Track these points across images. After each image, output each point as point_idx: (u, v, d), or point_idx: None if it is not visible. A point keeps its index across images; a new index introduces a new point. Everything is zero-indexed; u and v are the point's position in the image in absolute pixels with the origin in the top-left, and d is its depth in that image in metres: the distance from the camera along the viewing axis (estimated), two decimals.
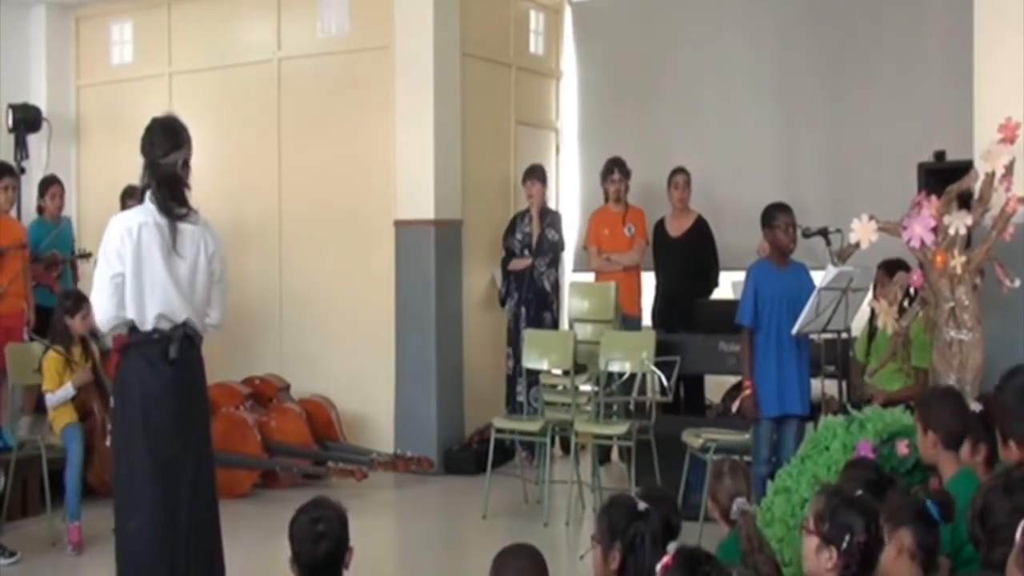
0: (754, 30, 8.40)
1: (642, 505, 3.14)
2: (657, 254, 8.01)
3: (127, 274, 4.14)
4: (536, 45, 9.16)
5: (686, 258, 7.80)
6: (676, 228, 7.90)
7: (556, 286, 8.19)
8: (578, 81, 9.31)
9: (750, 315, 5.74)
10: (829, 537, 2.88)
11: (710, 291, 7.81)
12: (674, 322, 7.41)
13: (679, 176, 7.85)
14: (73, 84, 9.56)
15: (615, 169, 8.05)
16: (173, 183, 4.22)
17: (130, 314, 4.16)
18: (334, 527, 3.21)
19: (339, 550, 3.21)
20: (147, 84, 9.03)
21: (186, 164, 4.27)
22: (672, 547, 2.95)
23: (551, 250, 8.11)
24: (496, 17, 8.65)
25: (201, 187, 4.49)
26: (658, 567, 2.83)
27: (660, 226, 7.97)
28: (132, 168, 4.50)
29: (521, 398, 7.54)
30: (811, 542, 2.93)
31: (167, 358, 4.19)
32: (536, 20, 9.17)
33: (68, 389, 6.08)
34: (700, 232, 7.86)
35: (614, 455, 7.84)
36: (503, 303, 8.19)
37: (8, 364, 6.56)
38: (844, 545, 2.85)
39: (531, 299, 8.01)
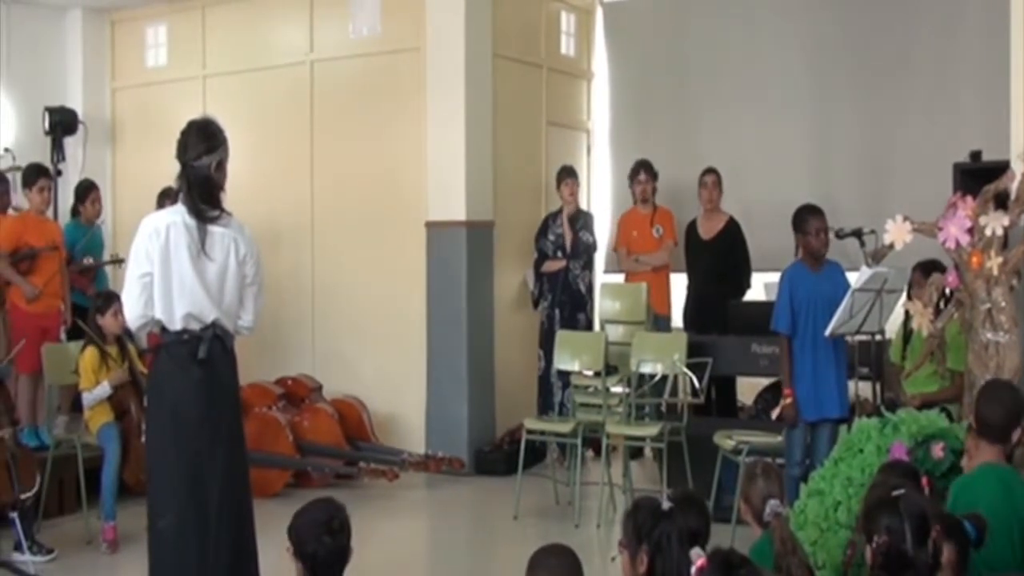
0: (787, 30, 8.35)
1: (666, 505, 3.13)
2: (688, 256, 7.99)
3: (155, 273, 4.17)
4: (567, 46, 9.15)
5: (717, 260, 7.77)
6: (708, 230, 7.87)
7: (590, 287, 8.19)
8: (609, 82, 9.30)
9: (786, 322, 5.69)
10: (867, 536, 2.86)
11: (742, 293, 7.78)
12: (706, 324, 7.38)
13: (709, 176, 7.83)
14: (108, 87, 9.66)
15: (641, 170, 8.07)
16: (205, 185, 4.24)
17: (158, 313, 4.19)
18: (346, 526, 3.24)
19: (347, 550, 3.22)
20: (181, 87, 9.12)
21: (220, 166, 4.29)
22: (696, 551, 2.94)
23: (586, 252, 8.11)
24: (527, 18, 8.66)
25: (234, 188, 4.51)
26: (693, 570, 2.82)
27: (692, 228, 7.95)
28: (167, 170, 4.55)
29: (559, 399, 7.53)
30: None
31: (196, 358, 4.22)
32: (567, 21, 9.16)
33: (105, 388, 6.13)
34: (732, 234, 7.82)
35: (646, 451, 7.83)
36: (536, 305, 8.20)
37: (45, 364, 6.63)
38: (873, 545, 2.83)
39: (565, 301, 8.01)
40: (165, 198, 7.05)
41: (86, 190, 8.04)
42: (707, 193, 7.82)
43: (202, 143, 4.27)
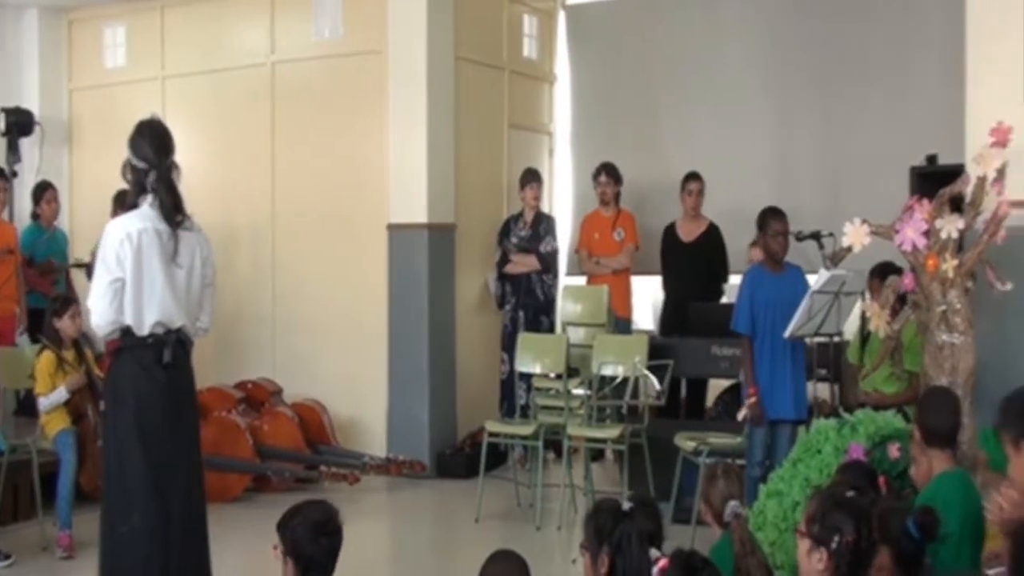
0: (748, 34, 8.42)
1: (626, 505, 3.15)
2: (667, 259, 8.00)
3: (127, 280, 4.14)
4: (530, 49, 9.17)
5: (697, 263, 7.79)
6: (688, 233, 7.90)
7: (554, 291, 8.20)
8: (571, 85, 9.32)
9: (746, 322, 5.73)
10: (819, 538, 2.90)
11: (719, 296, 7.81)
12: (685, 326, 7.37)
13: (694, 183, 7.81)
14: (66, 87, 9.55)
15: (602, 172, 8.10)
16: (175, 189, 4.24)
17: (128, 320, 4.17)
18: (341, 528, 3.24)
19: (339, 551, 3.22)
20: (140, 87, 9.02)
21: (176, 168, 4.29)
22: (655, 553, 2.96)
23: (552, 262, 8.13)
24: (489, 21, 8.66)
25: (193, 191, 4.49)
26: (655, 571, 2.84)
27: (671, 231, 7.96)
28: None
29: (522, 402, 7.54)
30: (804, 545, 2.95)
31: (161, 362, 4.19)
32: (529, 24, 9.17)
33: (61, 393, 6.04)
34: (712, 238, 7.85)
35: (607, 453, 7.86)
36: (501, 306, 8.19)
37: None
38: (833, 545, 2.86)
39: (529, 304, 8.02)
40: (120, 203, 6.98)
41: (41, 190, 7.97)
42: (692, 200, 7.82)
43: (169, 143, 4.27)
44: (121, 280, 4.14)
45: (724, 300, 7.72)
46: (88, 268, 7.52)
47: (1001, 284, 5.03)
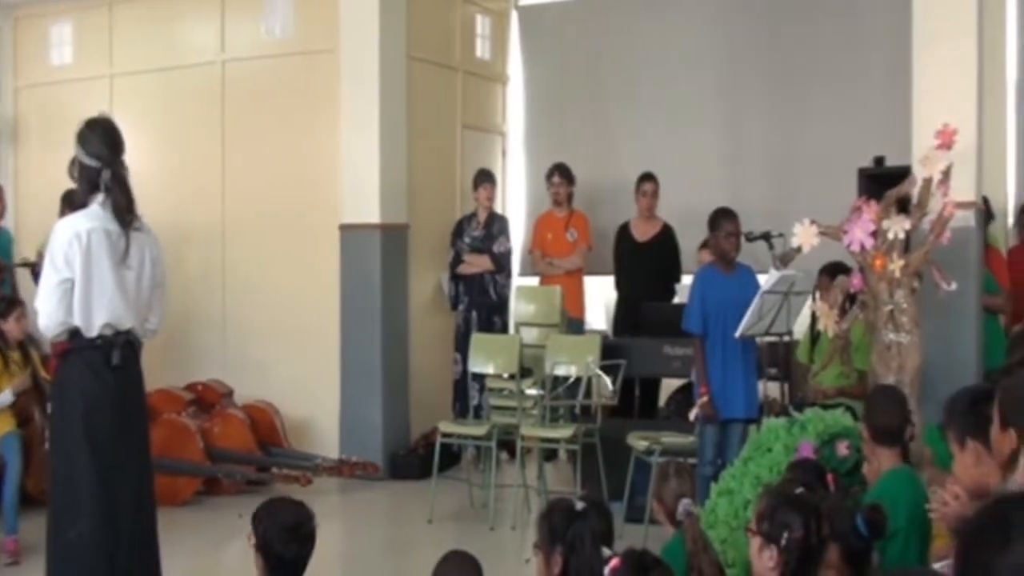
0: (699, 36, 8.48)
1: (580, 505, 3.16)
2: (621, 259, 8.02)
3: (76, 280, 4.08)
4: (482, 49, 9.16)
5: (651, 263, 7.83)
6: (642, 233, 7.92)
7: (507, 291, 8.21)
8: (524, 85, 9.33)
9: (697, 322, 5.78)
10: (769, 536, 2.92)
11: (671, 296, 7.85)
12: (636, 326, 7.40)
13: (648, 184, 7.83)
14: (11, 85, 9.40)
15: (555, 173, 8.12)
16: (128, 189, 4.18)
17: (77, 321, 4.11)
18: (313, 534, 3.26)
19: (310, 555, 3.23)
20: (87, 86, 8.90)
21: (126, 167, 4.24)
22: (607, 552, 2.97)
23: (506, 263, 8.13)
24: (442, 21, 8.65)
25: (143, 191, 4.43)
26: (606, 570, 2.85)
27: (624, 231, 7.99)
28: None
29: (475, 402, 7.53)
30: (755, 542, 2.98)
31: (109, 364, 4.14)
32: (482, 24, 9.17)
33: (7, 395, 5.95)
34: (667, 238, 7.89)
35: (561, 453, 7.88)
36: (455, 306, 8.18)
37: None
38: (783, 542, 2.89)
39: (482, 304, 8.02)
40: (69, 201, 6.87)
41: None
42: (647, 201, 7.84)
43: (120, 141, 4.22)
44: (70, 280, 4.08)
45: (676, 300, 7.76)
46: (34, 268, 7.42)
47: (946, 284, 5.12)
